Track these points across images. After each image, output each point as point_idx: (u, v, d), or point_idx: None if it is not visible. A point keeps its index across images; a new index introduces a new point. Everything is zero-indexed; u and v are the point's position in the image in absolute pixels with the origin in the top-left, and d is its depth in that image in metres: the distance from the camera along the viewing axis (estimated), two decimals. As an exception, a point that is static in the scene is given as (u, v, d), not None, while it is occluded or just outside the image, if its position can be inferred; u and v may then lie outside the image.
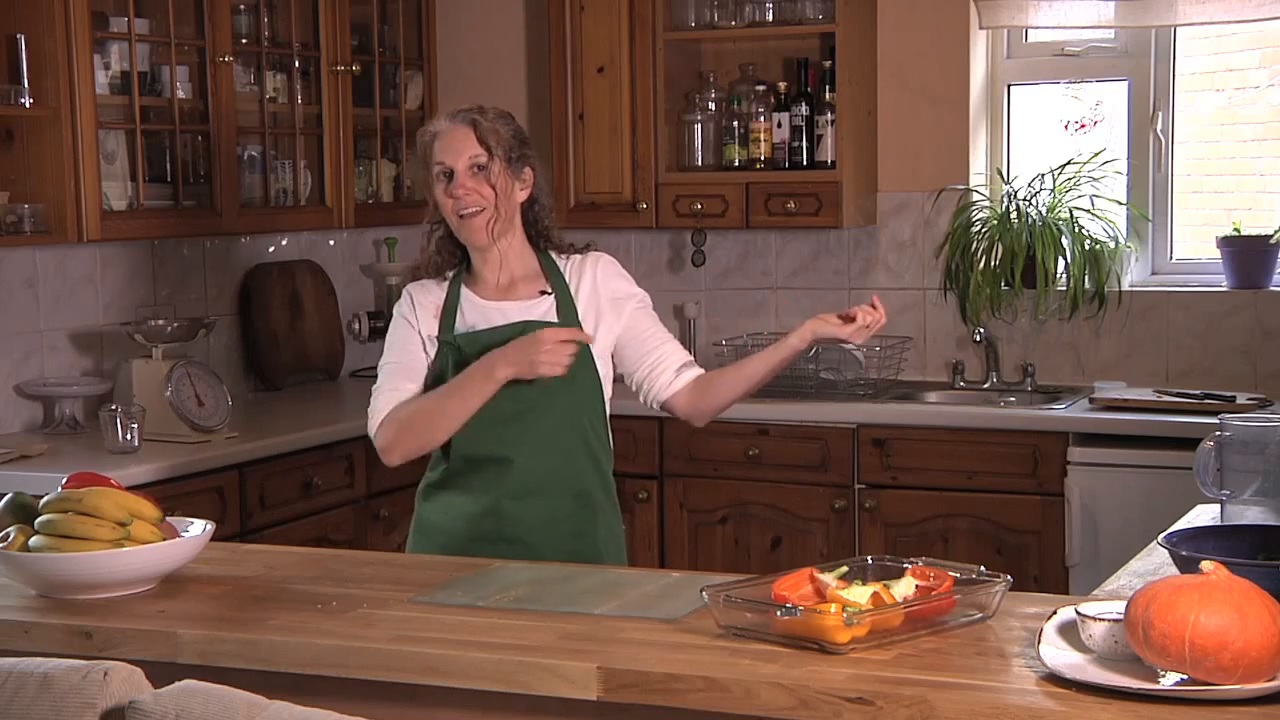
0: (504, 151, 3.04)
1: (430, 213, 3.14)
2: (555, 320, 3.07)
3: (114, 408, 4.16)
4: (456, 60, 5.71)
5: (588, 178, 5.30)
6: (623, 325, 3.12)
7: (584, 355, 3.05)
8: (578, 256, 3.15)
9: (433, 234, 3.15)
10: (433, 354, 3.09)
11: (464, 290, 3.11)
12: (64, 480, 2.72)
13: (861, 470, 4.77)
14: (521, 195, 3.09)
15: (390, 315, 3.18)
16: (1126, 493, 4.42)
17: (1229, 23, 4.90)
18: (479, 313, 3.09)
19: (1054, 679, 2.03)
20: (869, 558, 2.47)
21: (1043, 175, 5.10)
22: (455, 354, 3.06)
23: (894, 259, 5.31)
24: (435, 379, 3.07)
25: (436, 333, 3.09)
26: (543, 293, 3.11)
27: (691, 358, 3.18)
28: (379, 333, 5.27)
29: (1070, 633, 2.16)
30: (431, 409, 3.01)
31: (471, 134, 3.03)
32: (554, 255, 3.16)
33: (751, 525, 4.91)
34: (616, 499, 3.19)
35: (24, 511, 2.69)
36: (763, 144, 5.18)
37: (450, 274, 3.14)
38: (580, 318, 3.09)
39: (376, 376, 3.12)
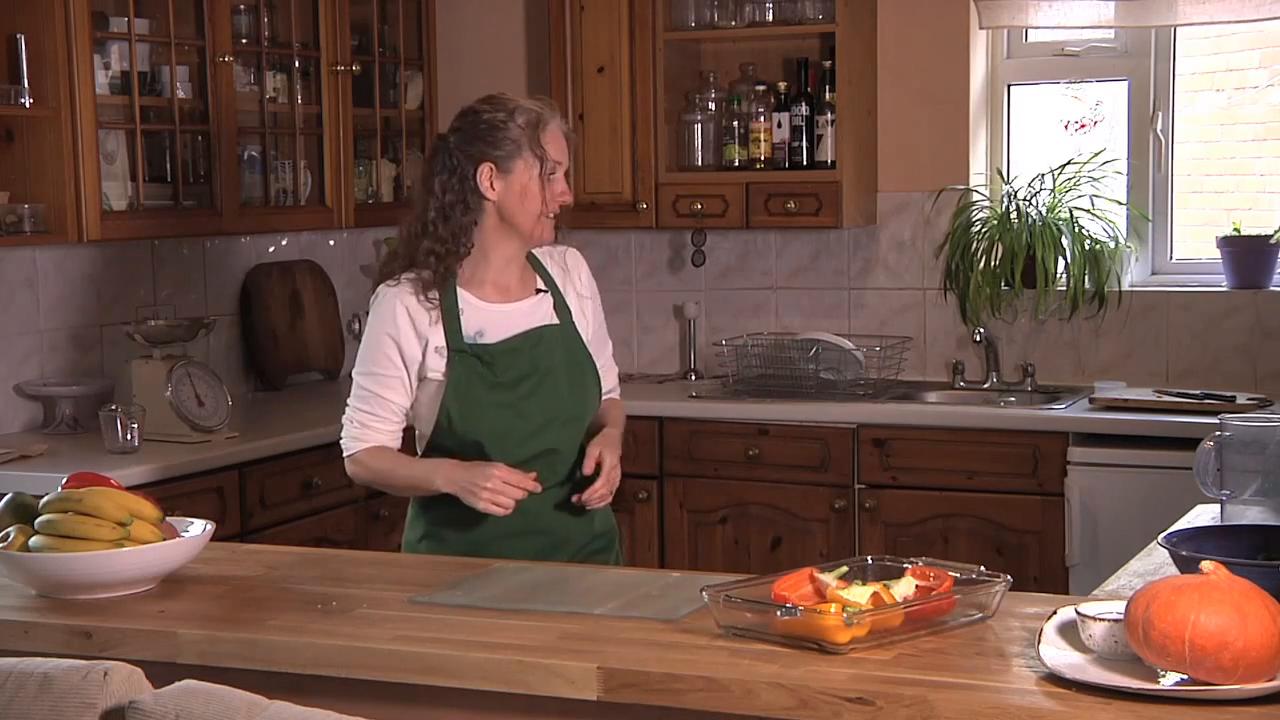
0: None
1: (446, 204, 3.03)
2: (556, 321, 3.10)
3: (114, 408, 4.15)
4: (456, 60, 5.70)
5: (588, 178, 5.29)
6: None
7: (582, 350, 3.12)
8: (554, 249, 3.20)
9: (439, 223, 3.03)
10: (442, 364, 3.03)
11: (460, 292, 3.07)
12: (64, 480, 2.72)
13: (861, 470, 4.77)
14: None
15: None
16: (1126, 493, 4.41)
17: (1229, 23, 4.89)
18: (482, 316, 3.06)
19: (1054, 679, 2.03)
20: (869, 558, 2.47)
21: (1043, 175, 5.09)
22: (477, 364, 3.02)
23: (894, 259, 5.31)
24: (452, 386, 3.01)
25: (443, 341, 3.04)
26: (538, 290, 3.13)
27: (615, 384, 3.26)
28: (379, 333, 5.27)
29: (1070, 633, 2.16)
30: (396, 483, 3.10)
31: (568, 141, 3.11)
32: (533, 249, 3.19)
33: (751, 525, 4.91)
34: None
35: (24, 511, 2.69)
36: (763, 144, 5.18)
37: (435, 273, 3.06)
38: (574, 317, 3.14)
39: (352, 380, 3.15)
